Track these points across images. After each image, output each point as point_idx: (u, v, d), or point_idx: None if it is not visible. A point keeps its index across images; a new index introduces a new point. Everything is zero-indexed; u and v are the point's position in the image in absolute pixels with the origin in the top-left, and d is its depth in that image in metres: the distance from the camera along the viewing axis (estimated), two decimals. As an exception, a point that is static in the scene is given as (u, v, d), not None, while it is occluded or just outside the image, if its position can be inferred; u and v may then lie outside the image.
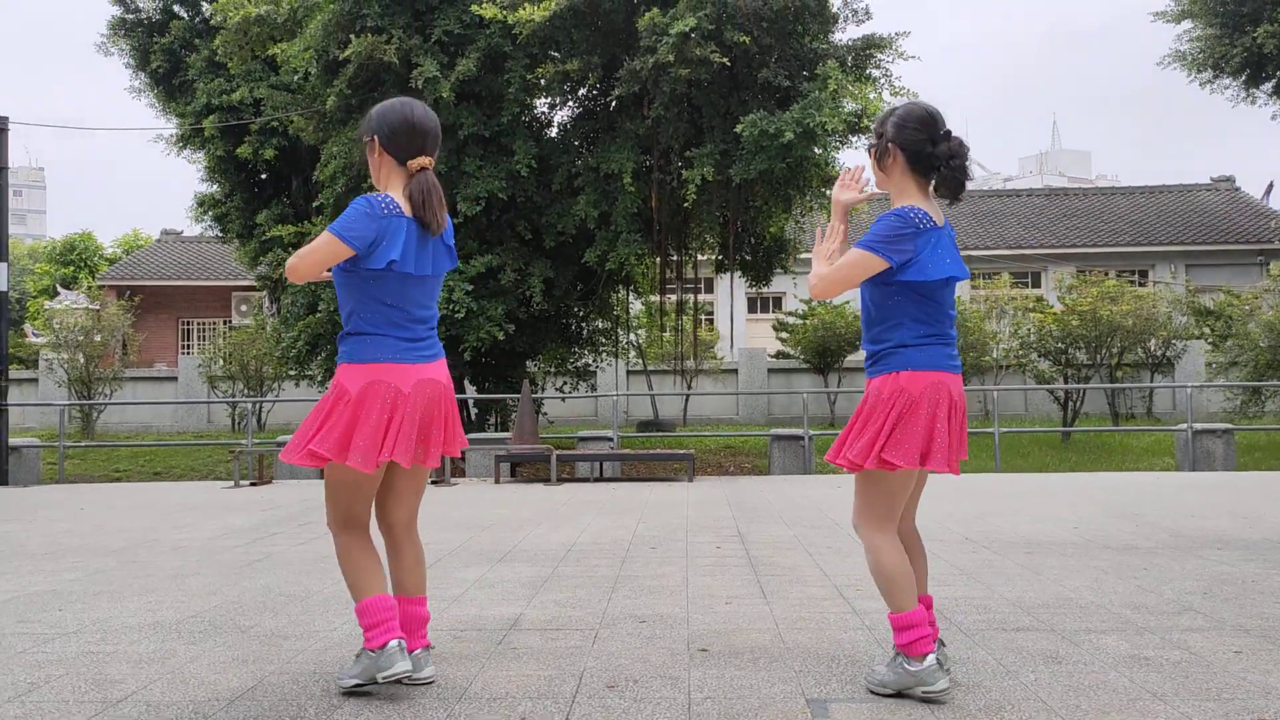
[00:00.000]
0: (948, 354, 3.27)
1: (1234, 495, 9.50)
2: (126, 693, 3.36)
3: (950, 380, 3.25)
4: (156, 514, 9.08)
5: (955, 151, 3.16)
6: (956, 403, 3.26)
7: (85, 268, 39.83)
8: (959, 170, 3.17)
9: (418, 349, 3.31)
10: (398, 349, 3.27)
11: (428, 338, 3.35)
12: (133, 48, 19.27)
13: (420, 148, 3.32)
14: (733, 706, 3.13)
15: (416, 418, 3.27)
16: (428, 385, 3.30)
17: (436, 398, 3.32)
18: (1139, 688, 3.27)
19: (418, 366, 3.29)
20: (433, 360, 3.34)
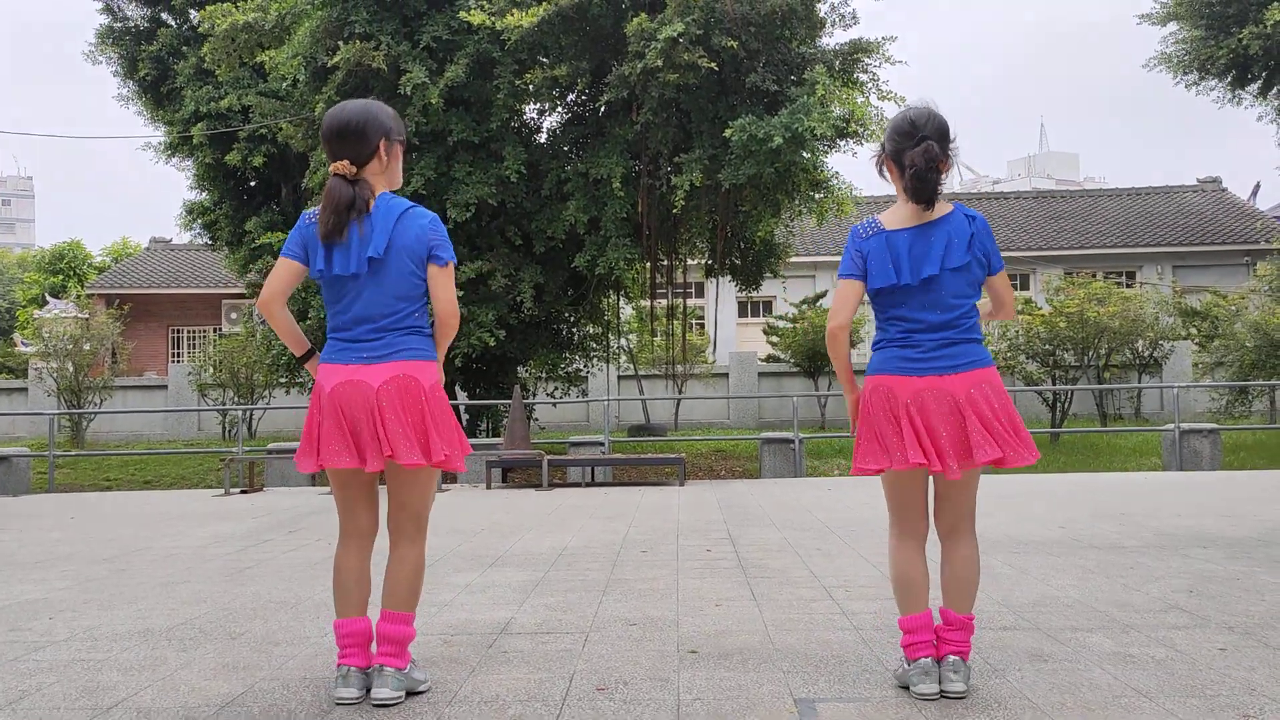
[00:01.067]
0: (900, 357, 3.28)
1: (1220, 495, 9.56)
2: (117, 699, 3.37)
3: (895, 383, 3.27)
4: (147, 522, 9.07)
5: (914, 160, 3.22)
6: (908, 405, 3.24)
7: (74, 276, 39.73)
8: (916, 178, 3.22)
9: (354, 350, 3.28)
10: (334, 349, 3.33)
11: (371, 339, 3.28)
12: (121, 56, 19.25)
13: (331, 154, 3.32)
14: (721, 707, 3.15)
15: (340, 419, 3.23)
16: (350, 386, 3.24)
17: (358, 398, 3.22)
18: (1124, 685, 3.30)
19: (348, 367, 3.27)
20: (375, 361, 3.26)
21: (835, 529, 7.50)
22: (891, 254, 3.26)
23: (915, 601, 3.28)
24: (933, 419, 3.23)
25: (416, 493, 3.37)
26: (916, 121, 3.27)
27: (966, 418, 3.22)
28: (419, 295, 3.34)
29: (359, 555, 3.39)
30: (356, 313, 3.29)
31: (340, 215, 3.23)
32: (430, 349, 3.38)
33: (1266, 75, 17.12)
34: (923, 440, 3.22)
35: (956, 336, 3.28)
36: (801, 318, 23.35)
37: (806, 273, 29.28)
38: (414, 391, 3.26)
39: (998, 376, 3.32)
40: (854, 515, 8.38)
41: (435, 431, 3.26)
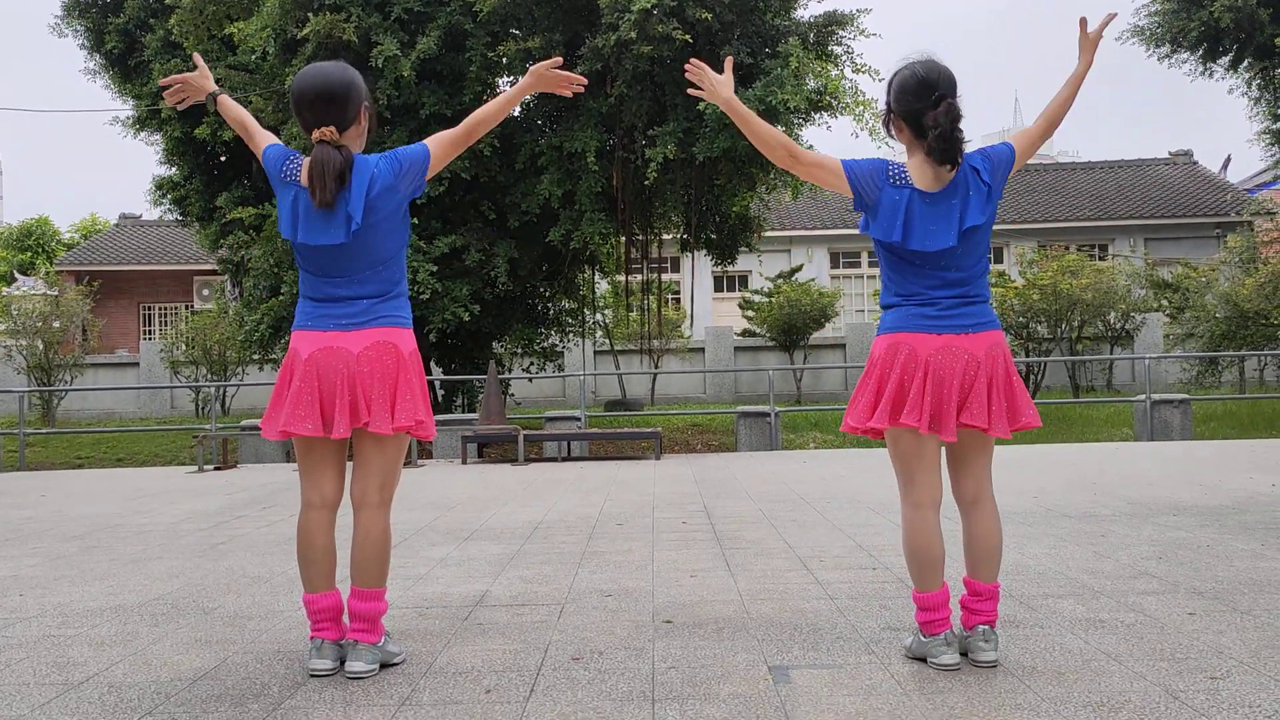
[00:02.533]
0: (920, 314, 3.19)
1: (1190, 464, 9.67)
2: (88, 674, 3.34)
3: (915, 340, 3.18)
4: (119, 499, 9.00)
5: (937, 120, 3.12)
6: (928, 362, 3.15)
7: (43, 253, 39.28)
8: (942, 139, 3.13)
9: (332, 316, 3.24)
10: (311, 315, 3.28)
11: (349, 301, 3.24)
12: (87, 28, 18.95)
13: (310, 118, 3.24)
14: (696, 675, 3.16)
15: (313, 385, 3.20)
16: (329, 353, 3.21)
17: (337, 364, 3.19)
18: (1095, 649, 3.33)
19: (326, 334, 3.23)
20: (349, 328, 3.23)
21: (810, 501, 7.53)
22: (914, 217, 3.16)
23: (933, 577, 3.20)
24: (948, 379, 3.15)
25: (387, 460, 3.33)
26: (928, 79, 3.17)
27: (977, 379, 3.16)
28: (397, 255, 3.31)
29: (323, 526, 3.34)
30: (334, 278, 3.26)
31: (334, 185, 3.18)
32: (409, 314, 3.36)
33: (1237, 48, 17.21)
34: (924, 404, 3.15)
35: (972, 294, 3.21)
36: (777, 292, 23.37)
37: (782, 246, 29.29)
38: (393, 357, 3.24)
39: (1004, 339, 3.28)
40: (829, 487, 8.42)
41: (411, 398, 3.25)
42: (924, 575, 3.22)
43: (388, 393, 3.22)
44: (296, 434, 3.20)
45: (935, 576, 3.22)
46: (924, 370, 3.17)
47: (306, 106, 3.24)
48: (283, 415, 3.22)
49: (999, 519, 3.32)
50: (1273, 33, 15.93)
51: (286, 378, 3.28)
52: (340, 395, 3.19)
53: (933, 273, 3.21)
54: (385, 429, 3.19)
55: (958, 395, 3.17)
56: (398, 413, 3.21)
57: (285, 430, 3.21)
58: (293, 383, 3.24)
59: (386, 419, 3.20)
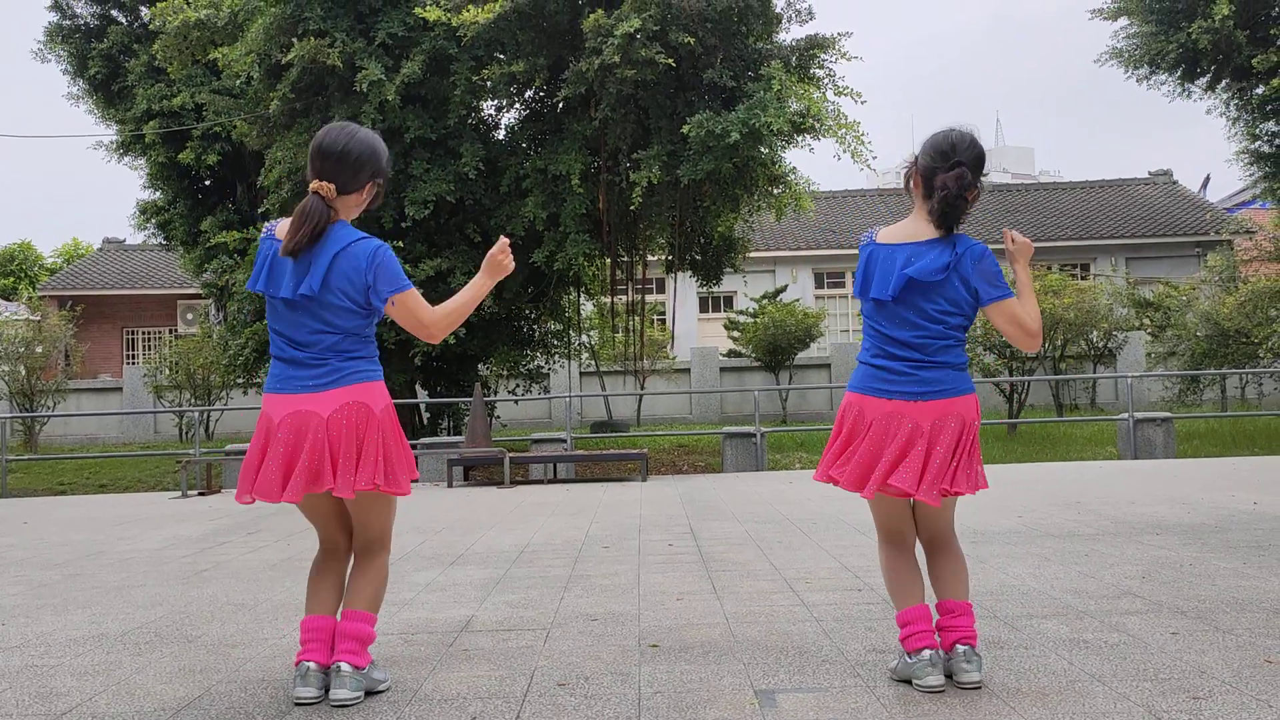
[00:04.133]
0: (875, 376, 3.27)
1: (1173, 482, 9.72)
2: (71, 705, 3.32)
3: (865, 403, 3.28)
4: (102, 526, 8.94)
5: (945, 184, 3.18)
6: (871, 424, 3.24)
7: (25, 278, 39.10)
8: (944, 202, 3.18)
9: (299, 378, 3.22)
10: (279, 377, 3.27)
11: (315, 365, 3.23)
12: (70, 54, 18.95)
13: (316, 170, 3.27)
14: (682, 700, 3.16)
15: (280, 451, 3.19)
16: (300, 417, 3.20)
17: (306, 430, 3.19)
18: (1079, 670, 3.35)
19: (295, 397, 3.22)
20: (318, 390, 3.20)
21: (797, 522, 7.54)
22: (871, 266, 3.28)
23: (910, 595, 3.27)
24: (887, 443, 3.22)
25: (375, 517, 3.37)
26: (958, 145, 3.22)
27: (914, 447, 3.19)
28: (360, 328, 3.28)
29: (337, 566, 3.44)
30: (297, 336, 3.25)
31: (313, 236, 3.17)
32: (378, 368, 3.33)
33: (1215, 69, 17.40)
34: (852, 463, 3.26)
35: (929, 360, 3.23)
36: (762, 312, 23.44)
37: (766, 267, 29.39)
38: (364, 418, 3.22)
39: (972, 407, 3.26)
40: (815, 508, 8.44)
41: (375, 459, 3.22)
42: (902, 593, 3.31)
43: (354, 455, 3.20)
44: (266, 500, 3.20)
45: (914, 593, 3.29)
46: (867, 431, 3.27)
47: (321, 157, 3.26)
48: (255, 483, 3.22)
49: (960, 551, 3.42)
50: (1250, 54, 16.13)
51: (260, 444, 3.26)
52: (302, 460, 3.17)
53: (890, 331, 3.27)
54: (346, 493, 3.18)
55: (890, 459, 3.21)
56: (360, 475, 3.19)
57: (256, 495, 3.21)
58: (268, 450, 3.22)
59: (349, 484, 3.18)
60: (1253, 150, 17.92)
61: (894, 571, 3.34)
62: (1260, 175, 18.14)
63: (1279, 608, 4.17)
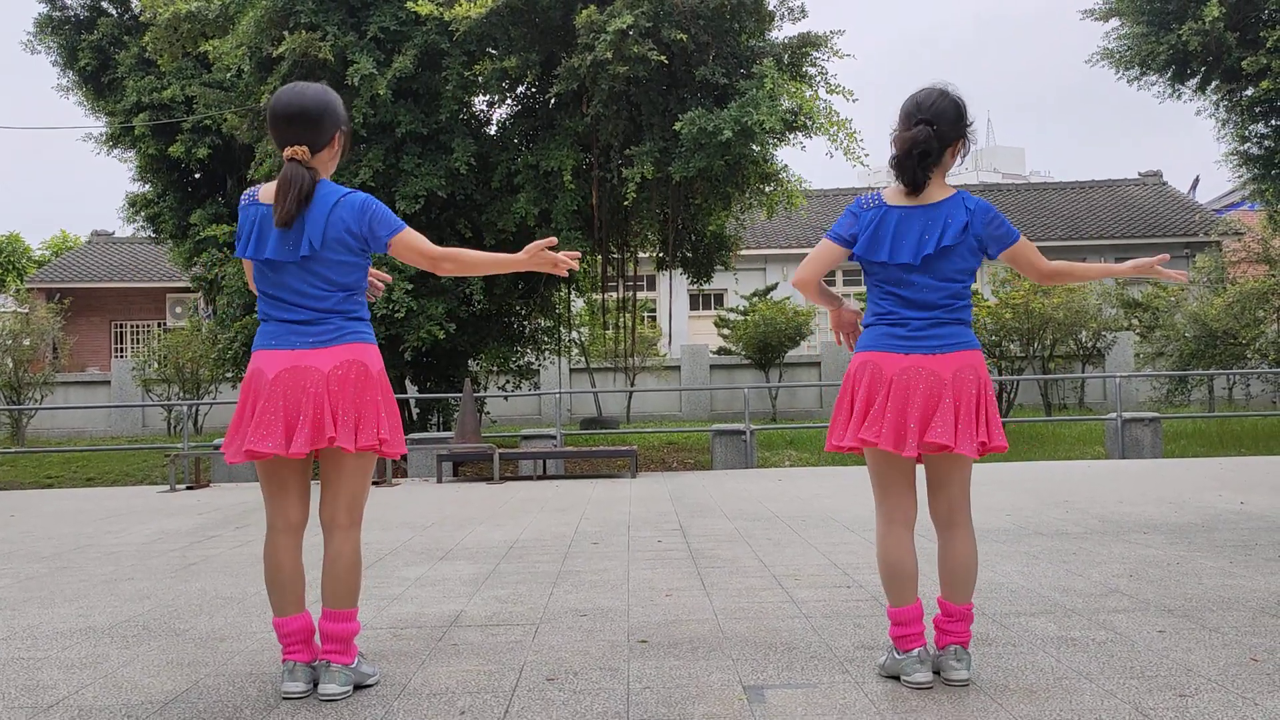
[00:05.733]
0: (889, 334, 3.26)
1: (1161, 481, 9.76)
2: (58, 698, 3.31)
3: (882, 359, 3.25)
4: (89, 519, 8.91)
5: (898, 144, 3.21)
6: (892, 381, 3.21)
7: (13, 270, 38.92)
8: (895, 163, 3.21)
9: (298, 335, 3.23)
10: (273, 334, 3.27)
11: (311, 321, 3.24)
12: (60, 45, 18.84)
13: (282, 137, 3.26)
14: (671, 695, 3.16)
15: (279, 405, 3.18)
16: (298, 372, 3.19)
17: (306, 384, 3.18)
18: (1066, 668, 3.36)
19: (292, 353, 3.22)
20: (318, 346, 3.22)
21: (785, 519, 7.55)
22: (884, 229, 3.24)
23: (905, 593, 3.25)
24: (911, 399, 3.20)
25: (356, 480, 3.32)
26: (922, 104, 3.23)
27: (944, 399, 3.19)
28: (356, 282, 3.32)
29: (291, 549, 3.32)
30: (293, 298, 3.25)
31: (300, 203, 3.19)
32: (372, 332, 3.36)
33: (1205, 71, 17.44)
34: (886, 420, 3.19)
35: (945, 317, 3.25)
36: (753, 310, 23.45)
37: (758, 265, 29.42)
38: (362, 375, 3.24)
39: (983, 361, 3.31)
40: (804, 505, 8.45)
41: (375, 416, 3.24)
42: (897, 590, 3.27)
43: (354, 411, 3.21)
44: (260, 453, 3.15)
45: (908, 591, 3.25)
46: (887, 388, 3.23)
47: (281, 125, 3.26)
48: (246, 435, 3.19)
49: (974, 542, 3.35)
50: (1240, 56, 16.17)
51: (249, 399, 3.24)
52: (305, 412, 3.17)
53: (904, 293, 3.26)
54: (349, 445, 3.18)
55: (920, 414, 3.19)
56: (361, 432, 3.21)
57: (250, 449, 3.16)
58: (257, 403, 3.21)
59: (350, 436, 3.19)
60: (1242, 152, 17.97)
61: (892, 560, 3.27)
62: (1249, 177, 18.19)
63: (1265, 606, 4.19)
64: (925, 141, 3.17)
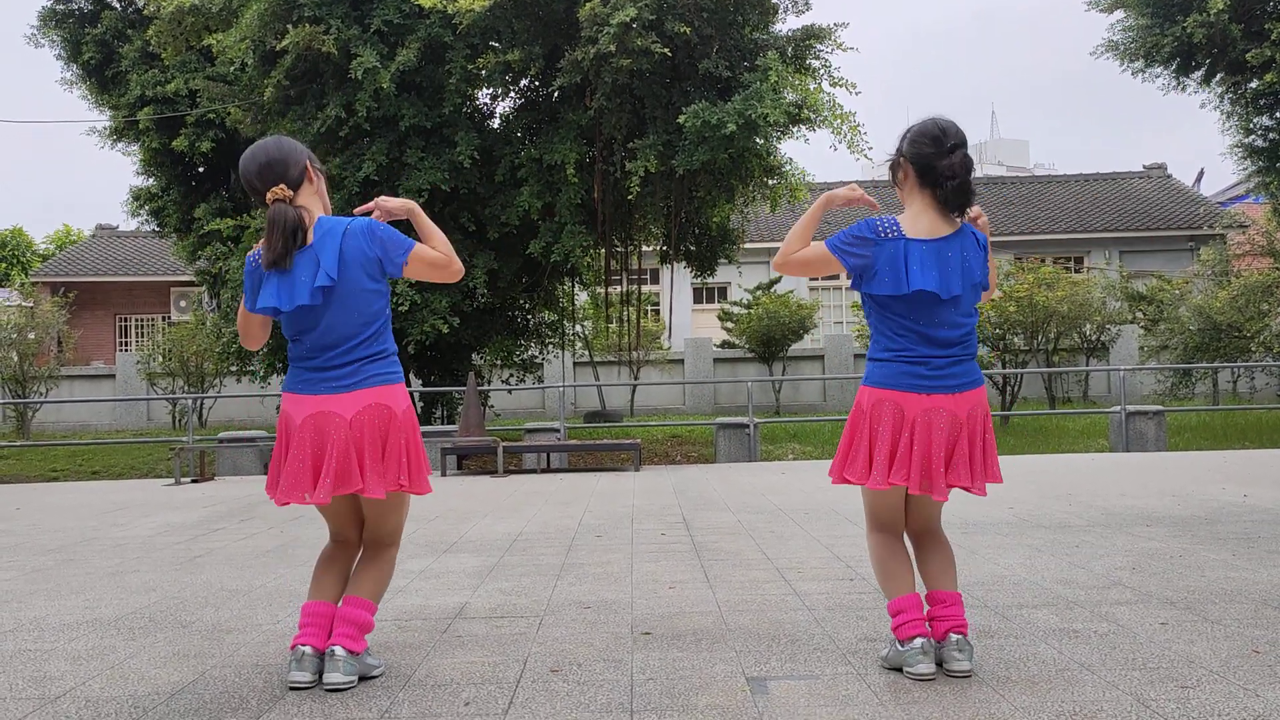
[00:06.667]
0: (911, 373, 3.22)
1: (1164, 475, 9.76)
2: (65, 689, 3.33)
3: (904, 400, 3.21)
4: (95, 512, 8.94)
5: (953, 169, 3.18)
6: (914, 423, 3.20)
7: (17, 264, 38.98)
8: (959, 188, 3.20)
9: (323, 380, 3.24)
10: (301, 379, 3.29)
11: (337, 366, 3.24)
12: (64, 39, 18.85)
13: (258, 190, 3.27)
14: (674, 686, 3.18)
15: (307, 453, 3.22)
16: (322, 418, 3.22)
17: (330, 431, 3.21)
18: (1068, 659, 3.37)
19: (317, 398, 3.24)
20: (341, 391, 3.23)
21: (789, 512, 7.57)
22: (912, 263, 3.18)
23: (901, 583, 3.27)
24: (934, 441, 3.19)
25: (392, 517, 3.42)
26: (947, 131, 3.22)
27: (959, 441, 3.21)
28: (379, 313, 3.31)
29: (345, 557, 3.47)
30: (317, 342, 3.26)
31: (288, 240, 3.18)
32: (398, 370, 3.36)
33: (1210, 63, 17.40)
34: (913, 464, 3.19)
35: (961, 354, 3.25)
36: (756, 303, 23.44)
37: (761, 258, 29.40)
38: (386, 420, 3.25)
39: (985, 395, 3.33)
40: (807, 499, 8.46)
41: (398, 461, 3.27)
42: (893, 582, 3.30)
43: (379, 457, 3.25)
44: (293, 502, 3.24)
45: (905, 582, 3.29)
46: (911, 431, 3.21)
47: (255, 179, 3.27)
48: (282, 485, 3.25)
49: (948, 542, 3.44)
50: (1244, 48, 16.13)
51: (282, 443, 3.30)
52: (330, 461, 3.20)
53: (926, 330, 3.23)
54: (378, 493, 3.23)
55: (944, 455, 3.21)
56: (386, 476, 3.25)
57: (283, 498, 3.24)
58: (289, 451, 3.26)
59: (378, 484, 3.23)
60: (1246, 144, 17.94)
61: (885, 560, 3.34)
62: (1254, 169, 18.16)
63: (1267, 599, 4.20)
64: (972, 165, 3.21)
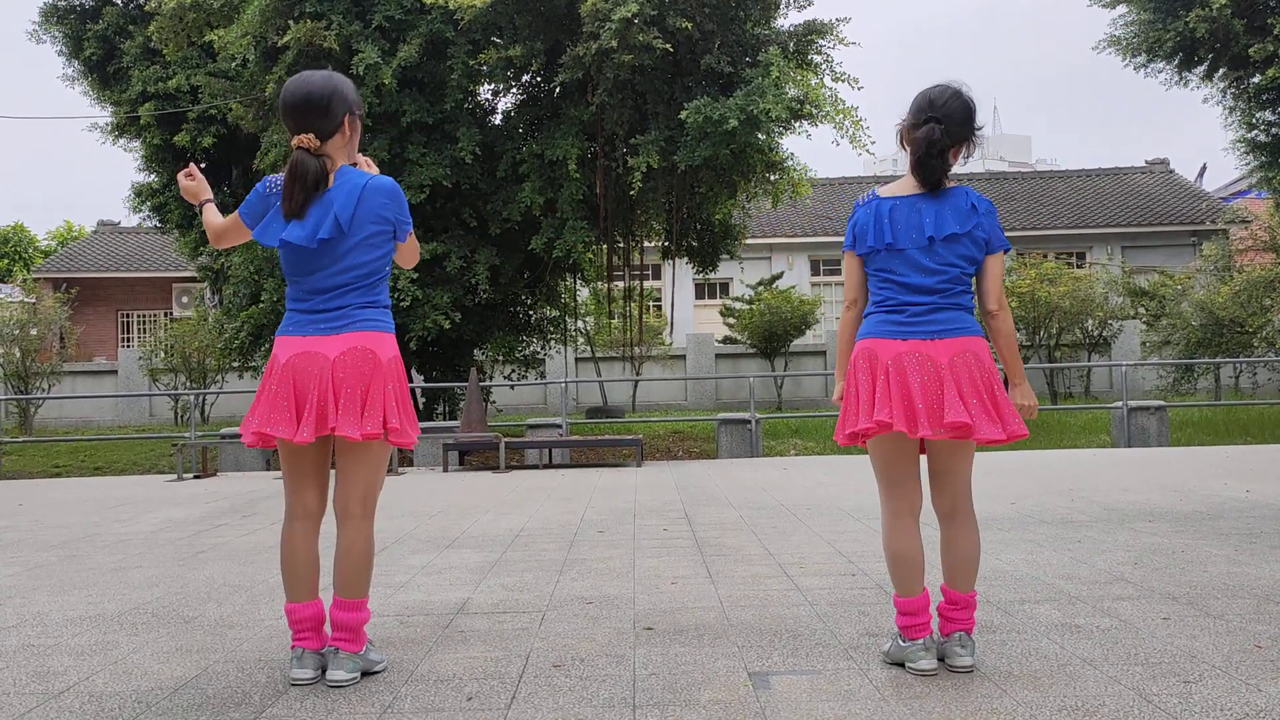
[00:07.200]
0: (887, 320, 3.27)
1: (1166, 470, 9.76)
2: (68, 684, 3.34)
3: (878, 345, 3.26)
4: (98, 508, 8.95)
5: (916, 143, 3.20)
6: (889, 366, 3.21)
7: (19, 260, 39.00)
8: (918, 163, 3.21)
9: (313, 322, 3.26)
10: (292, 321, 3.30)
11: (329, 309, 3.25)
12: (65, 35, 18.85)
13: (292, 127, 3.28)
14: (677, 681, 3.18)
15: (289, 391, 3.20)
16: (306, 358, 3.21)
17: (312, 369, 3.20)
18: (1070, 654, 3.37)
19: (305, 339, 3.24)
20: (329, 333, 3.24)
21: (790, 508, 7.57)
22: (881, 219, 3.27)
23: (913, 583, 3.25)
24: (910, 382, 3.19)
25: (367, 470, 3.32)
26: (935, 101, 3.23)
27: (945, 384, 3.18)
28: (380, 267, 3.32)
29: (306, 536, 3.35)
30: (314, 284, 3.27)
31: (308, 192, 3.20)
32: (389, 321, 3.35)
33: (1212, 58, 17.37)
34: (893, 402, 3.19)
35: (943, 303, 3.25)
36: (758, 299, 23.43)
37: (763, 254, 29.38)
38: (370, 364, 3.23)
39: (985, 347, 3.28)
40: (809, 494, 8.46)
41: (382, 404, 3.23)
42: (904, 580, 3.27)
43: (358, 398, 3.21)
44: (270, 436, 3.20)
45: (916, 582, 3.26)
46: (886, 373, 3.23)
47: (289, 113, 3.28)
48: (256, 419, 3.23)
49: (977, 531, 3.36)
50: (1247, 43, 16.11)
51: (267, 382, 3.29)
52: (311, 400, 3.19)
53: (902, 278, 3.27)
54: (353, 434, 3.17)
55: (925, 399, 3.19)
56: (365, 419, 3.20)
57: (259, 432, 3.20)
58: (269, 387, 3.26)
59: (355, 424, 3.18)
60: (1249, 139, 17.91)
61: (899, 550, 3.28)
62: (1256, 164, 18.13)
63: (1269, 594, 4.20)
64: (939, 140, 3.18)
